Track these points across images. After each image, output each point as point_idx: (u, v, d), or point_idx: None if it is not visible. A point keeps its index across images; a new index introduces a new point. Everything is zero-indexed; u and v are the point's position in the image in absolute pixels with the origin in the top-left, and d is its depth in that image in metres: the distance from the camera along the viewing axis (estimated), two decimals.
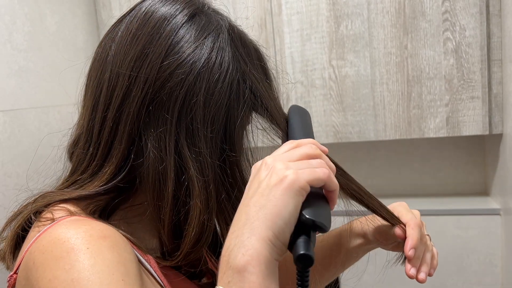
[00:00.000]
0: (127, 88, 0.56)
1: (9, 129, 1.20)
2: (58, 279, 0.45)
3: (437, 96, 1.36)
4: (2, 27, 1.21)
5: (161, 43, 0.55)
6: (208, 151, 0.54)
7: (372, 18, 1.38)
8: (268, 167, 0.47)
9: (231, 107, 0.55)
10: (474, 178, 1.62)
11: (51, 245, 0.48)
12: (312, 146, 0.49)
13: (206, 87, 0.54)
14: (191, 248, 0.55)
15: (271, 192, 0.44)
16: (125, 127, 0.55)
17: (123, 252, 0.49)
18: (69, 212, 0.56)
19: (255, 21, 1.47)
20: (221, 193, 0.56)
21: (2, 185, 1.17)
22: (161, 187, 0.55)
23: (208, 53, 0.55)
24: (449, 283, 1.48)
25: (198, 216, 0.54)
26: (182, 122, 0.54)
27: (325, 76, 1.44)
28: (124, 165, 0.56)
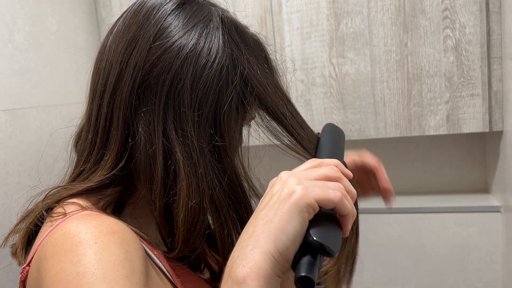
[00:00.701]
0: (119, 74, 0.57)
1: (10, 128, 1.20)
2: (65, 272, 0.46)
3: (437, 94, 1.36)
4: (3, 27, 1.21)
5: (150, 29, 0.56)
6: (195, 135, 0.55)
7: (372, 16, 1.38)
8: (282, 182, 0.47)
9: (220, 92, 0.56)
10: (474, 176, 1.63)
11: (61, 239, 0.49)
12: (333, 168, 0.49)
13: (193, 72, 0.55)
14: (186, 233, 0.56)
15: (280, 206, 0.44)
16: (119, 113, 0.57)
17: (131, 248, 0.50)
18: (80, 207, 0.57)
19: (255, 20, 1.48)
20: (212, 178, 0.56)
21: (4, 184, 1.17)
22: (151, 169, 0.56)
23: (196, 38, 0.56)
24: (449, 280, 1.48)
25: (185, 199, 0.55)
26: (170, 106, 0.55)
27: (325, 74, 1.45)
28: (124, 151, 0.57)
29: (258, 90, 0.58)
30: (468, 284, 1.46)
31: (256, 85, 0.58)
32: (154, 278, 0.55)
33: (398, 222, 1.52)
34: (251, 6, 1.47)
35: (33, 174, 1.27)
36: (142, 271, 0.50)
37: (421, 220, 1.50)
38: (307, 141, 0.63)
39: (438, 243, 1.49)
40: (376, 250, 1.55)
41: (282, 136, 0.62)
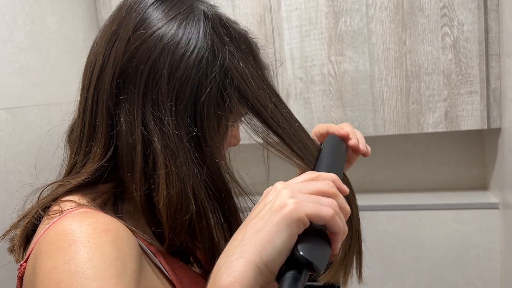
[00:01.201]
0: (101, 66, 0.59)
1: (11, 127, 1.21)
2: (57, 269, 0.47)
3: (435, 91, 1.36)
4: (3, 26, 1.22)
5: (130, 21, 0.58)
6: (173, 125, 0.56)
7: (370, 14, 1.38)
8: (275, 192, 0.46)
9: (199, 83, 0.56)
10: (472, 173, 1.63)
11: (56, 236, 0.50)
12: (329, 183, 0.48)
13: (170, 62, 0.55)
14: (170, 221, 0.56)
15: (270, 217, 0.44)
16: (103, 104, 0.58)
17: (124, 247, 0.51)
18: (77, 204, 0.57)
19: (254, 18, 1.48)
20: (192, 168, 0.56)
21: (5, 182, 1.18)
22: (132, 158, 0.57)
23: (175, 29, 0.57)
24: (448, 277, 1.49)
25: (163, 187, 0.55)
26: (148, 96, 0.56)
27: (324, 72, 1.45)
28: (110, 142, 0.58)
29: (238, 81, 0.58)
30: (467, 281, 1.47)
31: (236, 76, 0.58)
32: (149, 274, 0.56)
33: (397, 219, 1.53)
34: (250, 4, 1.48)
35: (34, 172, 1.28)
36: (134, 269, 0.50)
37: (420, 217, 1.51)
38: (297, 142, 0.63)
39: (436, 240, 1.50)
40: (375, 247, 1.56)
41: (265, 135, 0.62)
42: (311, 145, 0.66)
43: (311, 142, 0.66)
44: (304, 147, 0.64)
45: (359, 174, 1.74)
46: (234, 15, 1.49)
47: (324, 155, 0.65)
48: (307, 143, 0.64)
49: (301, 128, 0.66)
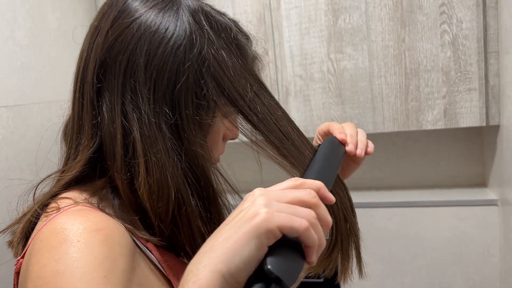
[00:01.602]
0: (85, 60, 0.60)
1: (12, 125, 1.22)
2: (46, 268, 0.48)
3: (434, 89, 1.37)
4: (4, 24, 1.22)
5: (111, 14, 0.59)
6: (151, 113, 0.56)
7: (370, 12, 1.39)
8: (252, 199, 0.45)
9: (176, 71, 0.57)
10: (471, 170, 1.64)
11: (48, 234, 0.51)
12: (311, 192, 0.47)
13: (147, 50, 0.56)
14: (155, 208, 0.57)
15: (241, 226, 0.43)
16: (87, 95, 0.59)
17: (115, 246, 0.51)
18: (73, 201, 0.58)
19: (254, 16, 1.49)
20: (172, 155, 0.57)
21: (6, 179, 1.19)
22: (113, 147, 0.57)
23: (152, 18, 0.57)
24: (447, 272, 1.50)
25: (143, 175, 0.56)
26: (127, 84, 0.57)
27: (323, 70, 1.46)
28: (95, 133, 0.59)
29: (215, 70, 0.58)
30: (466, 277, 1.48)
31: (213, 65, 0.58)
32: (144, 271, 0.56)
33: (396, 216, 1.54)
34: (250, 2, 1.48)
35: (34, 169, 1.29)
36: (124, 269, 0.50)
37: (419, 213, 1.51)
38: (280, 135, 0.61)
39: (436, 236, 1.50)
40: (374, 243, 1.57)
41: (249, 132, 0.61)
42: (300, 141, 0.64)
43: (301, 138, 0.64)
44: (290, 141, 0.62)
45: (359, 171, 1.74)
46: (234, 13, 1.49)
47: (317, 158, 0.63)
48: (292, 138, 0.62)
49: (287, 119, 0.64)
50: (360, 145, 0.72)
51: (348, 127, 0.74)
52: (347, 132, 0.73)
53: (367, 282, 1.58)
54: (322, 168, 0.60)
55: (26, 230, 0.61)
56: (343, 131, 0.72)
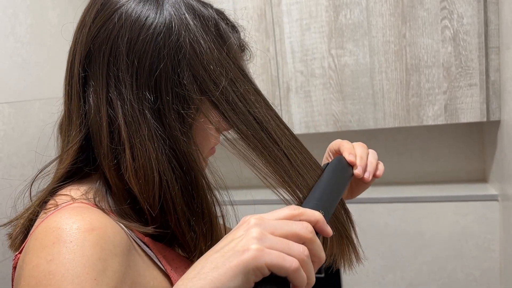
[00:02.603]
0: (73, 53, 0.62)
1: (13, 121, 1.22)
2: (39, 268, 0.48)
3: (435, 84, 1.37)
4: (5, 20, 1.22)
5: (94, 8, 0.60)
6: (134, 99, 0.57)
7: (370, 7, 1.39)
8: (246, 228, 0.45)
9: (158, 58, 0.58)
10: (472, 165, 1.64)
11: (43, 233, 0.51)
12: (308, 227, 0.46)
13: (129, 38, 0.57)
14: (143, 193, 0.57)
15: (230, 257, 0.43)
16: (74, 87, 0.61)
17: (108, 246, 0.51)
18: (71, 198, 0.58)
19: (255, 12, 1.49)
20: (156, 141, 0.57)
21: (8, 175, 1.19)
22: (100, 134, 0.58)
23: (133, 7, 0.59)
24: (447, 267, 1.50)
25: (130, 160, 0.57)
26: (110, 73, 0.58)
27: (324, 65, 1.46)
28: (82, 122, 0.60)
29: (191, 58, 0.58)
30: (466, 271, 1.49)
31: (189, 52, 0.58)
32: (140, 267, 0.57)
33: (397, 211, 1.54)
34: None
35: (37, 166, 1.29)
36: (116, 269, 0.51)
37: (420, 209, 1.52)
38: (264, 139, 0.60)
39: (436, 231, 1.51)
40: (375, 238, 1.57)
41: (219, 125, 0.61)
42: (296, 151, 0.62)
43: (289, 138, 0.63)
44: (277, 147, 0.60)
45: None
46: (235, 9, 1.49)
47: (322, 180, 0.61)
48: (283, 143, 0.61)
49: (273, 114, 0.62)
50: (369, 168, 0.71)
51: (358, 148, 0.73)
52: (357, 153, 0.71)
53: (368, 277, 1.59)
54: (325, 192, 0.58)
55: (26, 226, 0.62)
56: (352, 152, 0.71)
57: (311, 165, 0.64)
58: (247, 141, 0.59)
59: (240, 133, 0.59)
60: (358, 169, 0.70)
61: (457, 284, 1.50)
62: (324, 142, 1.88)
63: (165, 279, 0.60)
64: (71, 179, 0.62)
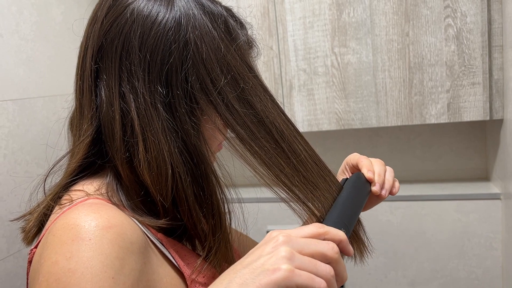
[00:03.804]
0: (84, 48, 0.63)
1: (18, 118, 1.22)
2: (58, 265, 0.49)
3: (438, 83, 1.37)
4: (9, 17, 1.23)
5: (105, 4, 0.62)
6: (147, 92, 0.59)
7: (374, 6, 1.39)
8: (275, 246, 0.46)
9: (169, 53, 0.59)
10: (475, 163, 1.64)
11: (61, 229, 0.52)
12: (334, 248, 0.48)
13: (141, 33, 0.59)
14: (155, 184, 0.58)
15: (259, 275, 0.43)
16: (86, 81, 0.62)
17: (125, 243, 0.52)
18: (86, 194, 0.59)
19: (258, 10, 1.49)
20: (168, 134, 0.59)
21: (13, 172, 1.20)
22: (112, 127, 0.59)
23: (145, 3, 0.60)
24: (450, 266, 1.51)
25: (143, 152, 0.58)
26: (123, 67, 0.59)
27: (327, 64, 1.46)
28: (94, 116, 0.61)
29: (194, 55, 0.59)
30: (468, 270, 1.49)
31: (193, 49, 0.59)
32: (155, 264, 0.57)
33: (399, 210, 1.55)
34: None
35: (41, 163, 1.29)
36: (133, 267, 0.52)
37: (422, 207, 1.52)
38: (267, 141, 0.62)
39: (438, 230, 1.51)
40: (377, 237, 1.58)
41: None
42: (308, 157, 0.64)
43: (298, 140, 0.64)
44: (281, 148, 0.62)
45: None
46: (238, 6, 1.49)
47: (342, 197, 0.63)
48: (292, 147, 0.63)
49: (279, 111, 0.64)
50: (386, 185, 0.73)
51: (377, 165, 0.74)
52: (375, 170, 0.73)
53: (370, 275, 1.60)
54: (346, 210, 0.60)
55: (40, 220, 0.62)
56: (371, 169, 0.73)
57: (314, 162, 0.65)
58: (242, 142, 0.61)
59: (235, 132, 0.61)
60: (376, 186, 0.71)
61: (459, 282, 1.50)
62: (327, 140, 1.89)
63: (177, 275, 0.61)
64: (82, 173, 0.63)
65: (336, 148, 1.76)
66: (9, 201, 1.17)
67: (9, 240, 1.17)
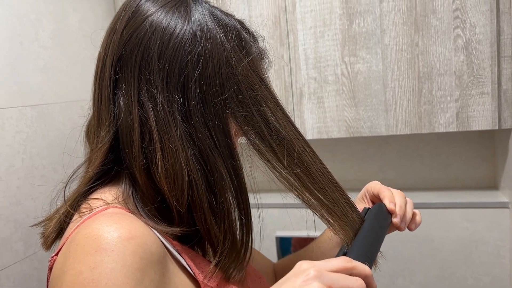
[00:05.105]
0: (103, 58, 0.66)
1: (36, 123, 1.26)
2: (82, 275, 0.51)
3: (447, 92, 1.39)
4: (29, 26, 1.26)
5: (125, 16, 0.65)
6: (165, 101, 0.61)
7: (384, 16, 1.41)
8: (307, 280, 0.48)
9: (186, 63, 0.62)
10: (483, 172, 1.65)
11: (84, 239, 0.54)
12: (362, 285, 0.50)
13: (160, 44, 0.61)
14: (171, 190, 0.60)
15: None
16: (105, 90, 0.64)
17: (146, 254, 0.54)
18: (105, 203, 0.61)
19: (270, 19, 1.52)
20: (185, 141, 0.61)
21: (30, 176, 1.23)
22: (131, 135, 0.62)
23: (163, 16, 0.63)
24: (457, 274, 1.52)
25: (160, 159, 0.60)
26: (142, 76, 0.62)
27: (337, 72, 1.48)
28: (111, 124, 0.64)
29: (208, 65, 0.62)
30: (476, 278, 1.50)
31: (206, 60, 0.62)
32: (172, 272, 0.59)
33: None
34: (265, 5, 1.51)
35: (56, 167, 1.32)
36: (152, 278, 0.54)
37: (430, 215, 1.53)
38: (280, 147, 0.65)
39: (446, 237, 1.52)
40: (385, 243, 1.59)
41: None
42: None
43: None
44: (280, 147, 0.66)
45: (370, 172, 1.77)
46: (250, 16, 1.52)
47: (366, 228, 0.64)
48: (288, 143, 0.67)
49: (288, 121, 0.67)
50: (406, 218, 0.76)
51: (398, 197, 0.77)
52: (397, 202, 0.76)
53: (378, 282, 1.61)
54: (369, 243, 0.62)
55: (58, 226, 0.64)
56: (393, 201, 0.76)
57: (320, 168, 0.68)
58: (254, 147, 0.65)
59: (248, 140, 0.65)
60: (397, 218, 0.75)
61: None
62: (336, 147, 1.91)
63: (191, 283, 0.62)
64: (99, 180, 0.65)
65: (344, 155, 1.78)
66: (27, 205, 1.20)
67: (26, 243, 1.20)
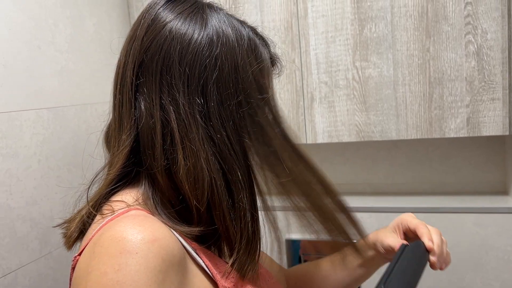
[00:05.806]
0: (124, 64, 0.68)
1: (52, 126, 1.28)
2: (107, 277, 0.52)
3: (458, 97, 1.40)
4: (46, 30, 1.29)
5: (144, 23, 0.67)
6: (187, 103, 0.63)
7: (395, 21, 1.42)
8: None
9: (204, 67, 0.64)
10: (493, 177, 1.66)
11: (108, 241, 0.55)
12: None
13: (180, 49, 0.64)
14: (192, 190, 0.62)
15: None
16: (126, 94, 0.66)
17: (168, 256, 0.56)
18: (127, 205, 0.63)
19: (282, 24, 1.53)
20: (205, 142, 0.63)
21: (46, 177, 1.25)
22: (152, 138, 0.64)
23: (182, 22, 0.66)
24: (467, 278, 1.52)
25: (181, 160, 0.62)
26: (163, 80, 0.64)
27: (348, 77, 1.50)
28: (132, 128, 0.66)
29: (223, 69, 0.65)
30: (485, 283, 1.50)
31: (221, 64, 0.65)
32: (191, 273, 0.61)
33: None
34: (277, 11, 1.53)
35: (71, 169, 1.35)
36: (173, 280, 0.55)
37: (440, 219, 1.54)
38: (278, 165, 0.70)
39: (456, 242, 1.53)
40: None
41: None
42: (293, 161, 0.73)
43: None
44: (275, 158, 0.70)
45: (380, 176, 1.77)
46: (262, 21, 1.54)
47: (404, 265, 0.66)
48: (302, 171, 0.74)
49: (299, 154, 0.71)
50: (442, 258, 0.78)
51: (435, 236, 0.80)
52: (435, 241, 0.78)
53: None
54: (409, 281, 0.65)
55: (80, 227, 0.67)
56: (431, 239, 0.78)
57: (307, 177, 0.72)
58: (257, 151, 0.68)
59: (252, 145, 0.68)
60: (435, 259, 0.78)
61: None
62: (347, 151, 1.91)
63: (209, 283, 0.64)
64: (119, 182, 0.67)
65: (354, 158, 1.79)
66: (42, 205, 1.23)
67: (42, 242, 1.23)
